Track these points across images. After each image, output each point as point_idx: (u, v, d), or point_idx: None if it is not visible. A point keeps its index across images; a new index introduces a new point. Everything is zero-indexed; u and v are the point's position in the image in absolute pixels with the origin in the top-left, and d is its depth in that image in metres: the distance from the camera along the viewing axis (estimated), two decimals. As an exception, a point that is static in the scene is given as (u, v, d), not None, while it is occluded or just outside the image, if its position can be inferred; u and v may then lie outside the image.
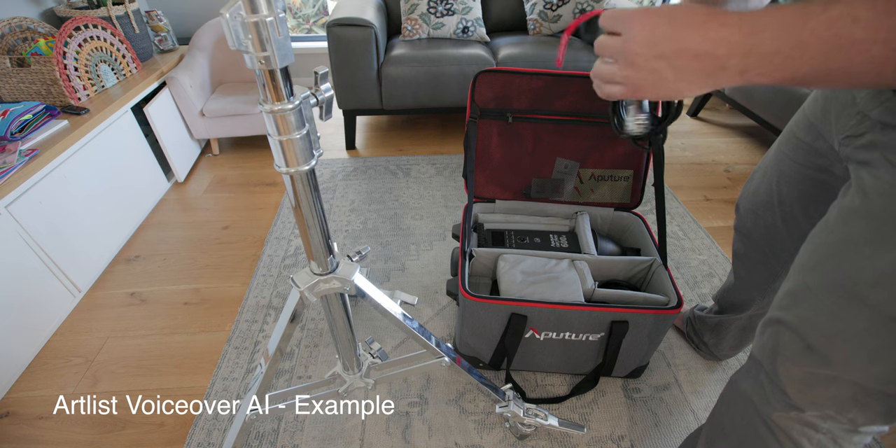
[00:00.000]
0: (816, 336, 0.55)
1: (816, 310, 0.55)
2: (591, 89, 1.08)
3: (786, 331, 0.59)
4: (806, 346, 0.56)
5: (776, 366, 0.61)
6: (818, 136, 0.70)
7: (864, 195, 0.51)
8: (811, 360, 0.56)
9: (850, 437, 0.59)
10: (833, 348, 0.54)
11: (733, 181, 2.06)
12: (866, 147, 0.54)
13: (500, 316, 1.01)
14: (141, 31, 2.02)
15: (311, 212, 0.60)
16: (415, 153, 2.26)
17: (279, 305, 1.41)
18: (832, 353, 0.54)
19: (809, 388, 0.58)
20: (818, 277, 0.55)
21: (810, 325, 0.56)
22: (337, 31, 1.92)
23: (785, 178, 0.79)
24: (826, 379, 0.56)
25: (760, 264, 0.93)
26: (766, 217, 0.85)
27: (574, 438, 1.06)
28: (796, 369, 0.59)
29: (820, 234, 0.57)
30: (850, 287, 0.51)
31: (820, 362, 0.55)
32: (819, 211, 0.74)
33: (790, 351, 0.59)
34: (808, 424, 0.60)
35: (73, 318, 1.39)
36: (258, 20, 0.40)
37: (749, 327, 1.07)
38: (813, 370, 0.57)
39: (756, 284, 0.97)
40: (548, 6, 2.23)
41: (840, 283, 0.52)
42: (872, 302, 0.49)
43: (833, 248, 0.53)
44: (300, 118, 0.51)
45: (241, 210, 1.86)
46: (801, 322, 0.57)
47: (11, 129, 1.31)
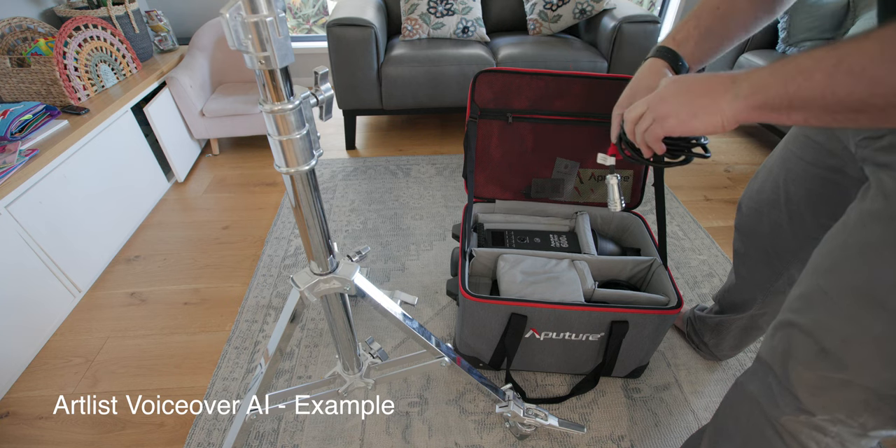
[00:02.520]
0: (832, 340, 0.55)
1: (832, 313, 0.54)
2: (592, 90, 1.09)
3: (799, 334, 0.58)
4: (820, 350, 0.56)
5: (788, 369, 0.61)
6: (831, 136, 0.70)
7: (886, 198, 0.50)
8: (825, 364, 0.56)
9: (858, 441, 0.58)
10: (848, 352, 0.53)
11: (733, 181, 2.06)
12: (886, 149, 0.53)
13: (500, 316, 1.01)
14: (141, 31, 2.02)
15: (311, 212, 0.60)
16: (415, 153, 2.26)
17: (279, 305, 1.41)
18: (847, 356, 0.53)
19: (822, 392, 0.57)
20: (835, 280, 0.55)
21: (825, 329, 0.55)
22: (337, 31, 1.92)
23: (792, 176, 0.79)
24: (839, 383, 0.55)
25: (762, 264, 0.92)
26: (770, 215, 0.85)
27: (574, 438, 1.06)
28: (809, 373, 0.58)
29: (837, 237, 0.56)
30: (868, 291, 0.50)
31: (834, 366, 0.55)
32: (828, 211, 0.73)
33: (803, 354, 0.58)
34: (816, 428, 0.59)
35: (73, 318, 1.39)
36: (258, 20, 0.40)
37: (750, 327, 1.07)
38: (826, 374, 0.56)
39: (758, 284, 0.96)
40: (548, 6, 2.23)
41: (858, 286, 0.51)
42: (892, 306, 0.48)
43: (851, 250, 0.53)
44: (300, 118, 0.51)
45: (241, 210, 1.86)
46: (815, 325, 0.56)
47: (11, 129, 1.31)
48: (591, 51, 2.12)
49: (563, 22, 2.25)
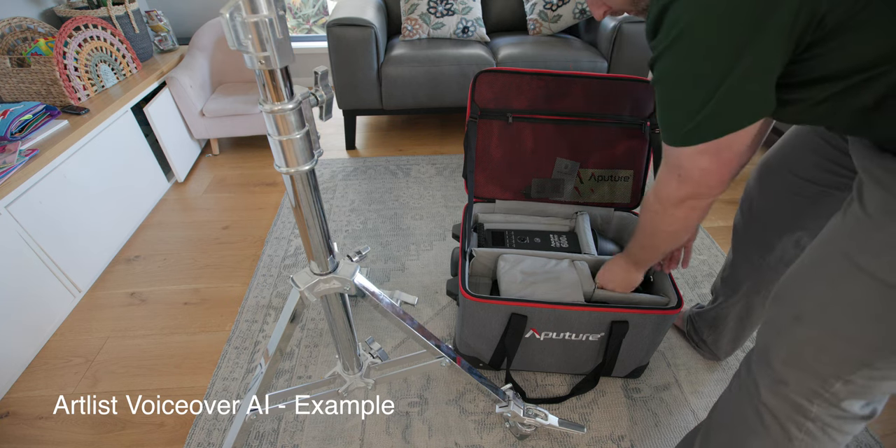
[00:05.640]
0: (810, 306, 0.58)
1: (815, 280, 0.58)
2: (592, 90, 1.09)
3: (779, 303, 0.62)
4: (796, 316, 0.59)
5: (766, 339, 0.64)
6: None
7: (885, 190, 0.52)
8: (800, 330, 0.59)
9: (840, 425, 0.60)
10: (824, 317, 0.56)
11: (734, 181, 2.05)
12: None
13: (500, 316, 1.01)
14: (141, 31, 2.02)
15: (311, 212, 0.60)
16: (415, 153, 2.26)
17: (279, 305, 1.41)
18: (823, 322, 0.56)
19: (795, 360, 0.60)
20: (823, 250, 0.58)
21: (805, 295, 0.59)
22: (337, 31, 1.92)
23: (799, 142, 0.82)
24: (813, 350, 0.58)
25: (758, 236, 0.96)
26: (774, 184, 0.88)
27: (574, 438, 1.06)
28: (782, 340, 0.61)
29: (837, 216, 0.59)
30: (853, 255, 0.53)
31: (807, 332, 0.58)
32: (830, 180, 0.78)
33: (781, 321, 0.62)
34: (796, 409, 0.62)
35: (73, 318, 1.39)
36: (258, 20, 0.40)
37: (746, 317, 1.08)
38: (800, 340, 0.59)
39: (749, 257, 1.00)
40: (548, 6, 2.23)
41: (845, 253, 0.54)
42: (871, 269, 0.51)
43: (848, 224, 0.55)
44: (300, 118, 0.51)
45: (241, 210, 1.86)
46: (797, 292, 0.60)
47: (11, 129, 1.32)
48: (591, 51, 2.12)
49: (563, 22, 2.25)
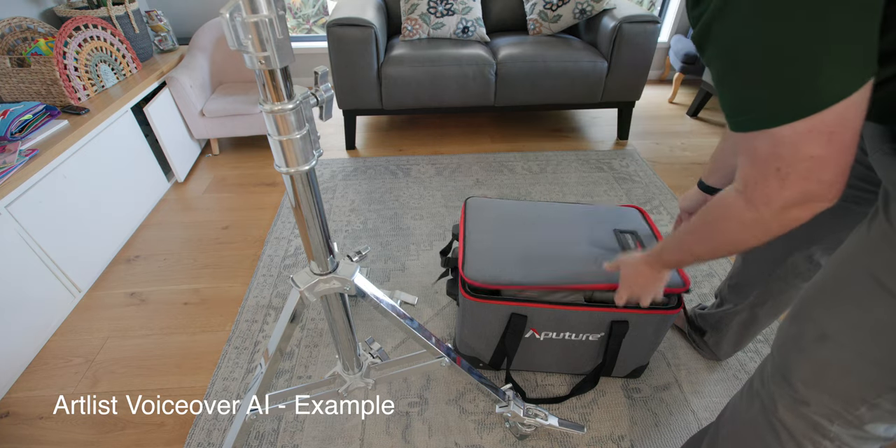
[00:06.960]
0: (836, 326, 0.55)
1: (841, 299, 0.55)
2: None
3: (801, 320, 0.59)
4: (821, 335, 0.56)
5: (787, 357, 0.61)
6: None
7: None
8: (824, 351, 0.56)
9: (859, 445, 0.58)
10: (851, 339, 0.53)
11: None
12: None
13: (500, 316, 1.01)
14: (141, 31, 2.02)
15: (311, 212, 0.60)
16: (415, 153, 2.26)
17: (279, 305, 1.41)
18: (849, 343, 0.53)
19: (818, 380, 0.57)
20: (849, 268, 0.55)
21: (830, 315, 0.56)
22: (337, 31, 1.92)
23: None
24: (838, 371, 0.55)
25: (769, 249, 0.92)
26: None
27: (574, 438, 1.06)
28: (805, 359, 0.58)
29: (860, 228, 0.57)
30: (879, 275, 0.50)
31: (833, 353, 0.55)
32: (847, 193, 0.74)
33: (805, 340, 0.58)
34: (815, 427, 0.59)
35: (73, 318, 1.39)
36: (258, 20, 0.40)
37: (750, 322, 1.07)
38: (824, 361, 0.56)
39: (761, 268, 0.97)
40: (548, 6, 2.23)
41: (872, 273, 0.51)
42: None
43: (873, 240, 0.53)
44: (300, 118, 0.51)
45: (240, 210, 1.86)
46: (821, 311, 0.57)
47: (11, 129, 1.31)
48: (591, 51, 2.12)
49: (563, 22, 2.25)
